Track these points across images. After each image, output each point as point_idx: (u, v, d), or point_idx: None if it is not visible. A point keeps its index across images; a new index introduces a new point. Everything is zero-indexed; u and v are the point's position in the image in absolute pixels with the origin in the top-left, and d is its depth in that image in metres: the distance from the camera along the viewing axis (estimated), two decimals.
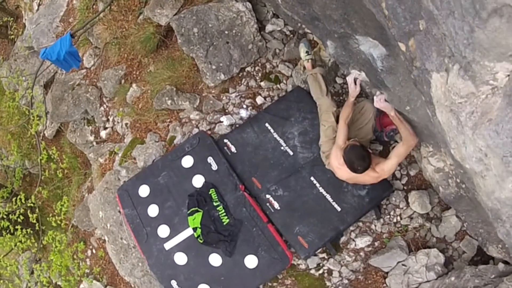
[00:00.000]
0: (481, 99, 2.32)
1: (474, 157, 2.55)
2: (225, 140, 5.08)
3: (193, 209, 4.91)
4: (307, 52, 4.93)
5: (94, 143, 6.32)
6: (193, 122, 5.41)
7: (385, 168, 4.20)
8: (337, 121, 4.48)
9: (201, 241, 4.86)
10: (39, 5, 7.53)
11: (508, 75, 2.13)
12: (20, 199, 6.50)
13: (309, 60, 4.91)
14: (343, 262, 4.81)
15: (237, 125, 5.25)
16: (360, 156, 4.02)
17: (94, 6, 6.53)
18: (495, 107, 2.26)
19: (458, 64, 2.31)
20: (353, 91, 4.34)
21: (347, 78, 4.39)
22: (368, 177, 4.24)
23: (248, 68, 5.43)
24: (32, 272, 6.89)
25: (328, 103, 4.59)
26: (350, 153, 4.06)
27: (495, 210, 2.70)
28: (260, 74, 5.41)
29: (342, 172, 4.31)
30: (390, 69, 3.19)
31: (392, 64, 3.18)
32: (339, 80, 5.17)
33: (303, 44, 5.02)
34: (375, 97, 4.08)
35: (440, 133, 3.02)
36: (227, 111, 5.36)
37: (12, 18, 7.96)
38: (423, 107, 3.22)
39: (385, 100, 4.00)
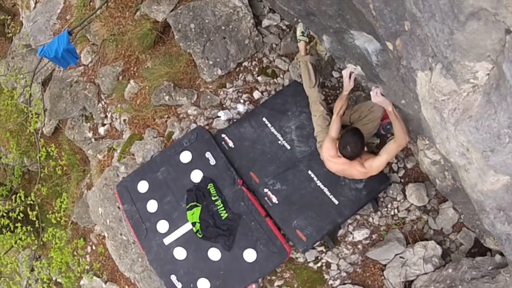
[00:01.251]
0: (462, 97, 2.41)
1: (457, 151, 2.64)
2: (223, 135, 5.10)
3: (192, 204, 4.93)
4: (302, 32, 4.91)
5: (93, 140, 6.34)
6: (191, 117, 5.43)
7: (373, 164, 4.20)
8: (330, 111, 4.55)
9: (200, 236, 4.89)
10: (36, 2, 7.54)
11: (488, 74, 2.21)
12: (20, 197, 6.52)
13: (303, 42, 4.89)
14: (341, 255, 4.84)
15: (235, 120, 5.27)
16: (355, 140, 4.05)
17: (91, 3, 6.55)
18: (475, 104, 2.35)
19: (441, 64, 2.39)
20: (347, 85, 4.35)
21: (342, 72, 4.41)
22: (356, 171, 4.27)
23: (245, 63, 5.45)
24: (32, 270, 6.92)
25: (315, 95, 4.65)
26: (347, 134, 4.11)
27: (479, 202, 2.77)
28: (257, 69, 5.42)
29: (331, 163, 4.36)
30: (385, 64, 3.22)
31: (386, 58, 3.21)
32: (335, 74, 5.19)
33: (301, 23, 4.97)
34: (371, 92, 4.09)
35: (427, 128, 3.08)
36: (224, 106, 5.38)
37: (9, 17, 7.96)
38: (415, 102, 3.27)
39: (382, 94, 4.01)
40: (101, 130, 6.19)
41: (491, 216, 2.70)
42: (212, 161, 5.00)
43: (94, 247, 6.23)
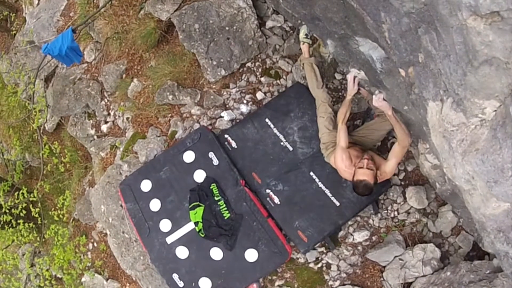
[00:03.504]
0: (470, 129, 2.56)
1: (463, 178, 2.79)
2: (226, 136, 5.14)
3: (195, 203, 4.98)
4: (306, 34, 4.94)
5: (95, 137, 6.36)
6: (194, 117, 5.47)
7: (386, 170, 4.29)
8: (335, 113, 4.58)
9: (203, 235, 4.94)
10: None
11: (495, 110, 2.36)
12: (23, 193, 6.54)
13: (307, 44, 4.92)
14: (341, 256, 4.89)
15: (238, 120, 5.31)
16: (367, 189, 4.14)
17: (94, 1, 6.54)
18: (482, 138, 2.50)
19: (452, 98, 2.54)
20: (351, 89, 4.38)
21: (347, 76, 4.43)
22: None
23: (249, 64, 5.48)
24: (33, 265, 6.96)
25: (324, 96, 4.68)
26: (359, 185, 4.15)
27: (481, 223, 2.92)
28: (260, 70, 5.45)
29: (347, 174, 4.36)
30: (389, 71, 3.25)
31: (391, 66, 3.25)
32: (338, 76, 5.22)
33: (305, 26, 4.98)
34: (374, 96, 4.12)
35: (428, 133, 3.21)
36: (227, 106, 5.42)
37: (14, 14, 7.95)
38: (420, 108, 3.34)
39: (384, 99, 4.04)
40: (104, 128, 6.21)
41: (491, 236, 2.84)
42: (215, 161, 5.04)
43: (95, 244, 6.27)
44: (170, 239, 5.05)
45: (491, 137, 2.43)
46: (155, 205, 5.15)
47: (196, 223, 4.96)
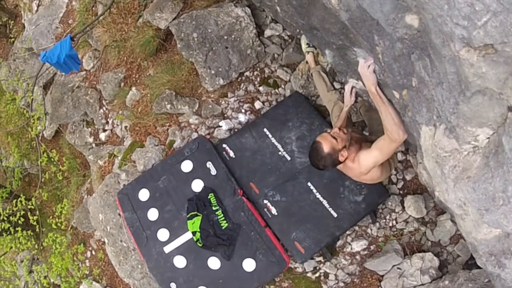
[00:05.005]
0: (463, 155, 2.51)
1: (455, 203, 2.75)
2: (224, 145, 5.14)
3: (193, 213, 4.98)
4: (307, 44, 4.93)
5: (93, 145, 6.37)
6: (192, 126, 5.47)
7: (360, 158, 3.56)
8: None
9: (200, 245, 4.94)
10: (38, 6, 7.54)
11: (488, 138, 2.34)
12: (21, 201, 6.55)
13: (311, 53, 4.84)
14: (339, 265, 4.89)
15: (236, 130, 5.31)
16: (316, 155, 3.53)
17: (93, 8, 6.56)
18: (474, 165, 2.46)
19: (444, 125, 2.49)
20: (348, 100, 4.15)
21: (345, 86, 4.30)
22: (350, 170, 3.76)
23: (247, 73, 5.48)
24: (31, 272, 6.96)
25: (336, 96, 4.42)
26: (311, 147, 3.59)
27: (473, 246, 2.91)
28: (258, 79, 5.46)
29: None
30: (385, 82, 3.25)
31: (384, 76, 3.24)
32: (336, 85, 5.22)
33: (304, 36, 4.92)
34: (360, 60, 3.35)
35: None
36: (226, 115, 5.42)
37: (12, 21, 7.96)
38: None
39: (374, 71, 3.26)
40: (102, 136, 6.22)
41: (483, 258, 2.84)
42: (213, 171, 5.04)
43: (93, 252, 6.27)
44: (168, 249, 5.05)
45: (484, 165, 2.41)
46: (153, 214, 5.16)
47: (194, 233, 4.96)
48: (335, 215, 4.70)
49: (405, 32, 2.45)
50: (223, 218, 4.91)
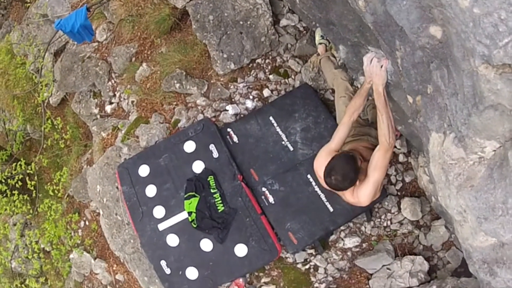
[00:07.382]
0: (469, 165, 2.63)
1: (456, 209, 2.87)
2: (229, 129, 5.15)
3: (190, 193, 4.99)
4: (322, 36, 4.92)
5: (98, 117, 6.37)
6: (199, 107, 5.48)
7: (359, 194, 3.51)
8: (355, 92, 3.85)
9: (195, 226, 4.95)
10: None
11: (495, 150, 2.45)
12: (20, 165, 6.56)
13: (323, 45, 4.89)
14: (330, 259, 4.92)
15: (242, 115, 5.32)
16: (345, 171, 3.34)
17: None
18: (478, 175, 2.58)
19: (454, 134, 2.62)
20: (369, 76, 3.33)
21: (363, 58, 3.48)
22: (346, 200, 3.82)
23: (259, 60, 5.49)
24: (23, 235, 6.99)
25: (344, 74, 4.24)
26: (338, 162, 3.39)
27: (468, 252, 3.01)
28: (269, 67, 5.46)
29: (323, 184, 3.67)
30: (397, 84, 3.26)
31: (401, 80, 3.27)
32: None
33: (319, 29, 4.95)
34: (365, 57, 3.30)
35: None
36: (233, 100, 5.43)
37: None
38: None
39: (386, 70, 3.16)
40: (108, 108, 6.22)
41: (476, 265, 2.93)
42: (215, 154, 5.06)
43: (87, 223, 6.29)
44: (162, 226, 5.07)
45: (487, 175, 2.51)
46: (151, 191, 5.17)
47: (189, 213, 4.98)
48: (331, 209, 4.72)
49: (428, 42, 2.55)
50: (220, 201, 4.93)
